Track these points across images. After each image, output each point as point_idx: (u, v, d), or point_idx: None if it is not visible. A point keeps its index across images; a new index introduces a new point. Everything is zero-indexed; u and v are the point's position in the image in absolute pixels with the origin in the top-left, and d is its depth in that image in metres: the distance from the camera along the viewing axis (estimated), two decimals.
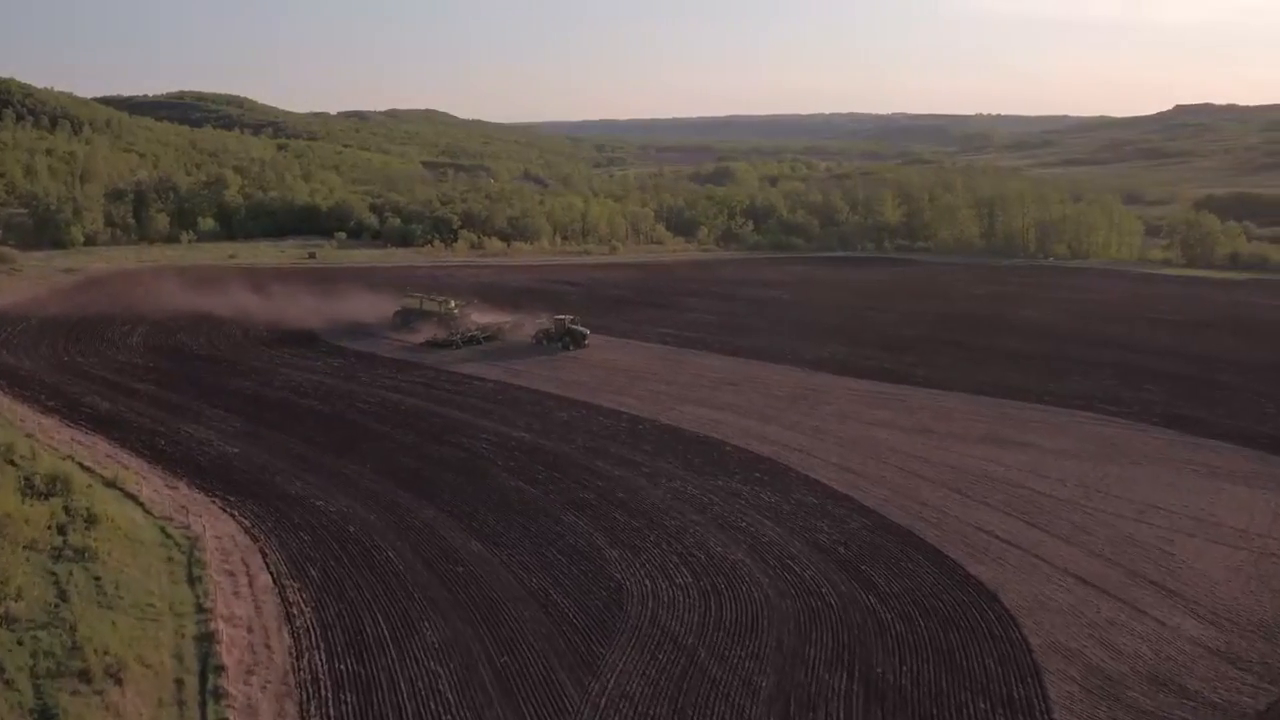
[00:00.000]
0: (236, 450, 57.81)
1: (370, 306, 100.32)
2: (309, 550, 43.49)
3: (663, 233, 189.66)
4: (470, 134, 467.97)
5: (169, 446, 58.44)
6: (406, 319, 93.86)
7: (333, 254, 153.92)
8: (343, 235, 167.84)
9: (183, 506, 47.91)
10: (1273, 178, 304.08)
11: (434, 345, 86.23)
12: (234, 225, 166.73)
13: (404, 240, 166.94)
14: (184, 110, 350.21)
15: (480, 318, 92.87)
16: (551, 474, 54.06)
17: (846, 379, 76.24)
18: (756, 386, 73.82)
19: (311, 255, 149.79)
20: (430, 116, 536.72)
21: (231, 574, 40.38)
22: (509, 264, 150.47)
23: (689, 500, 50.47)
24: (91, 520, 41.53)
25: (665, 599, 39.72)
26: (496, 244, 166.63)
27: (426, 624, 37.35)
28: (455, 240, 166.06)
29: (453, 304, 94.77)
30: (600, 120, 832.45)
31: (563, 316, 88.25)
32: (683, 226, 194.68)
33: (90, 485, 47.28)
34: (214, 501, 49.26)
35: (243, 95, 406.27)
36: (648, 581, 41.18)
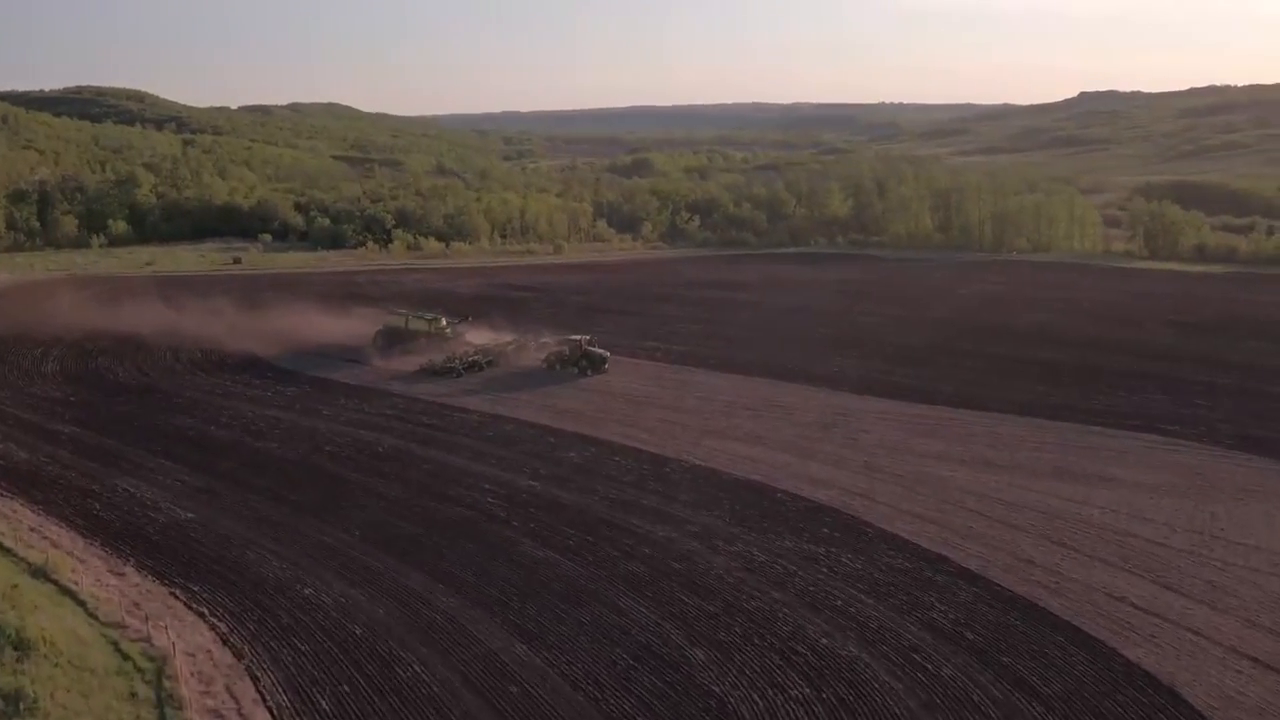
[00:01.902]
0: (191, 515, 47.68)
1: (316, 320, 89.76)
2: (311, 668, 33.81)
3: (605, 230, 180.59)
4: (377, 127, 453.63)
5: (107, 512, 48.08)
6: (391, 341, 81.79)
7: (259, 258, 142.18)
8: (268, 237, 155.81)
9: (135, 604, 37.80)
10: (1196, 164, 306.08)
11: (431, 373, 74.49)
12: (147, 227, 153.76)
13: (334, 242, 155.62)
14: (83, 105, 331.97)
15: (475, 338, 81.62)
16: (583, 538, 44.98)
17: (872, 399, 68.27)
18: (776, 411, 65.46)
19: (237, 260, 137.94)
20: (333, 110, 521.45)
21: (218, 714, 30.63)
22: (452, 267, 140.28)
23: (760, 570, 41.84)
24: (24, 645, 31.35)
25: None
26: (434, 245, 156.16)
27: None
28: (390, 241, 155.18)
29: (444, 322, 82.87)
30: (503, 112, 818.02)
31: (577, 336, 77.10)
32: (623, 222, 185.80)
33: (16, 585, 36.87)
34: (174, 593, 39.27)
35: (142, 90, 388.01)
36: (756, 697, 32.42)
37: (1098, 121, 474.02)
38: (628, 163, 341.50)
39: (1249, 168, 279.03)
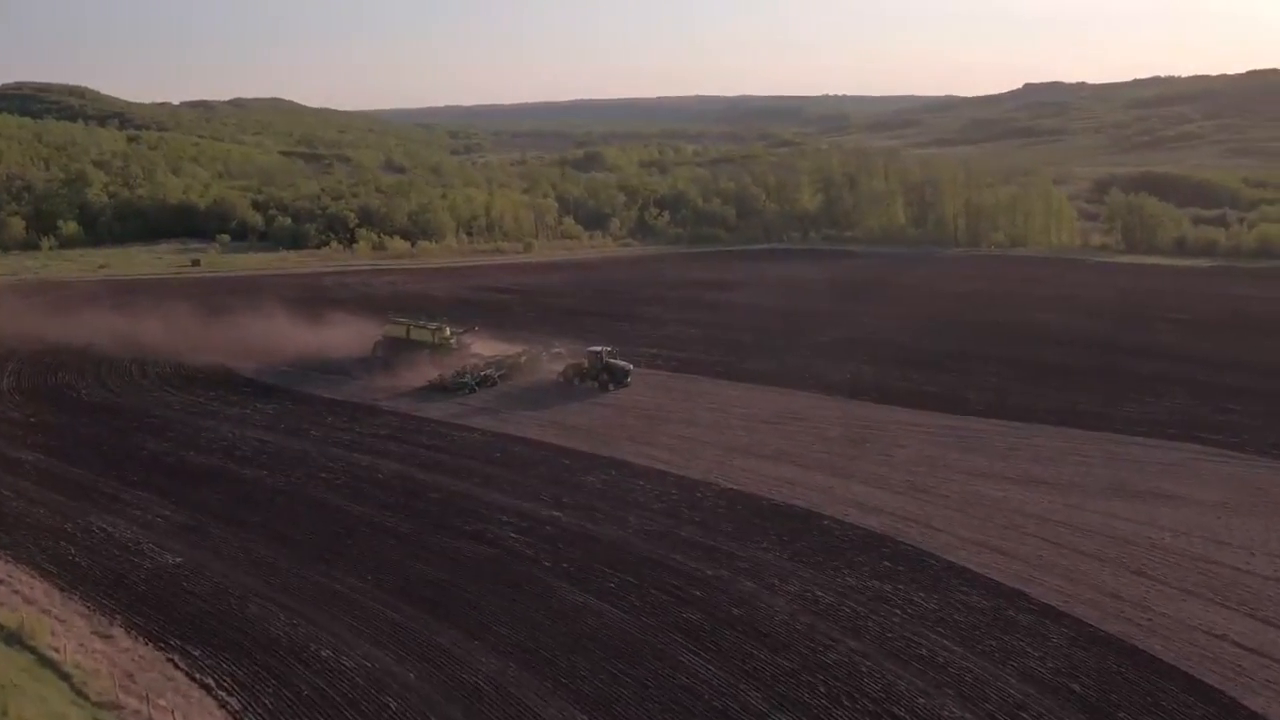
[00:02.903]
0: (179, 559, 42.76)
1: (288, 328, 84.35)
2: None
3: (573, 226, 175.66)
4: (323, 123, 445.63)
5: (84, 557, 43.01)
6: (392, 352, 75.96)
7: (218, 260, 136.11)
8: (226, 238, 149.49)
9: (130, 676, 32.92)
10: (1152, 156, 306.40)
11: (440, 389, 68.92)
12: (99, 228, 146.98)
13: (296, 242, 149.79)
14: (23, 102, 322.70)
15: (483, 349, 75.98)
16: (623, 579, 40.62)
17: (897, 410, 64.46)
18: (799, 424, 61.50)
19: (195, 262, 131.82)
20: (276, 105, 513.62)
21: None
22: (421, 267, 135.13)
23: (828, 613, 37.76)
24: None
25: None
26: (399, 244, 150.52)
27: None
28: (354, 241, 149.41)
29: (448, 332, 77.08)
30: (446, 106, 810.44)
31: (597, 348, 71.37)
32: (589, 218, 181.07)
33: None
34: (172, 660, 34.42)
35: (83, 85, 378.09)
36: None
37: (1047, 113, 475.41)
38: (580, 156, 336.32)
39: (1206, 159, 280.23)
